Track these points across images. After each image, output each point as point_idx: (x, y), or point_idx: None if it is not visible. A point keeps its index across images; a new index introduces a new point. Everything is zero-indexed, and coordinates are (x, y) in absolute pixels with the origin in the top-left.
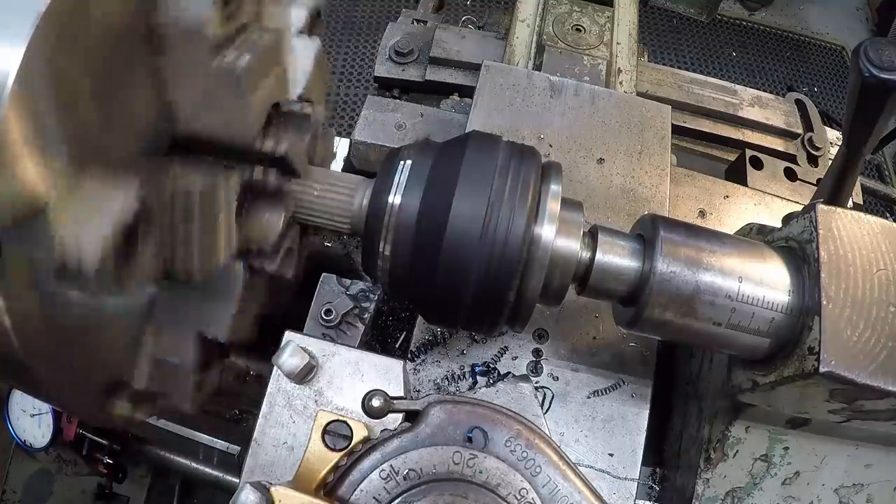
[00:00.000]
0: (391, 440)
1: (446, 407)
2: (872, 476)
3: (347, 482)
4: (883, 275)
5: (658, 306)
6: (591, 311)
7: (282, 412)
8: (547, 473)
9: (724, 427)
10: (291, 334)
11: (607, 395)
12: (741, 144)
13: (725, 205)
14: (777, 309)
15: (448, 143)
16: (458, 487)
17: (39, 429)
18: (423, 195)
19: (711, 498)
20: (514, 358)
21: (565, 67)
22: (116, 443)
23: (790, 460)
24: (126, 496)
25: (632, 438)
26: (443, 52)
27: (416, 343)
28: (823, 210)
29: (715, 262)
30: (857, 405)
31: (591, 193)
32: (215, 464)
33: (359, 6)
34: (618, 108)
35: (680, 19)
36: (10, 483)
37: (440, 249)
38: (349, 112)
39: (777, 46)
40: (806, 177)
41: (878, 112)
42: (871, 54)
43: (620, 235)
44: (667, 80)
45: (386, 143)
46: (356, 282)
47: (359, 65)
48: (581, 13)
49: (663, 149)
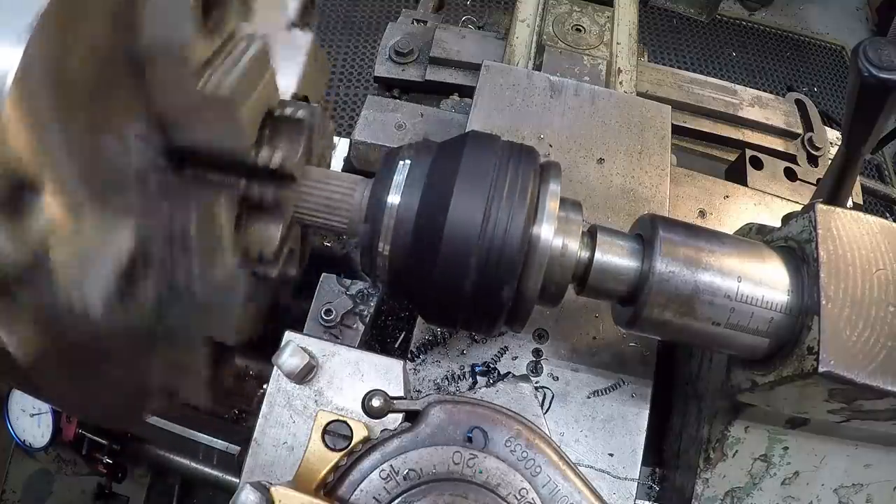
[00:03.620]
0: (391, 440)
1: (446, 407)
2: (872, 476)
3: (347, 482)
4: (882, 275)
5: (657, 306)
6: (590, 311)
7: (282, 412)
8: (547, 473)
9: (724, 427)
10: (291, 334)
11: (607, 395)
12: (741, 144)
13: (725, 205)
14: (776, 309)
15: (447, 143)
16: (458, 487)
17: (39, 428)
18: (421, 195)
19: (711, 498)
20: (514, 358)
21: (565, 67)
22: (116, 443)
23: (789, 460)
24: (126, 496)
25: (632, 438)
26: (443, 52)
27: (416, 343)
28: (822, 210)
29: (714, 262)
30: (856, 405)
31: (591, 193)
32: (215, 464)
33: (359, 6)
34: (618, 108)
35: (680, 19)
36: (9, 483)
37: (439, 249)
38: (349, 112)
39: (777, 46)
40: (806, 177)
41: (878, 112)
42: (870, 54)
43: (619, 235)
44: (667, 80)
45: (386, 143)
46: (356, 282)
47: (359, 65)
48: (581, 13)
49: (663, 149)
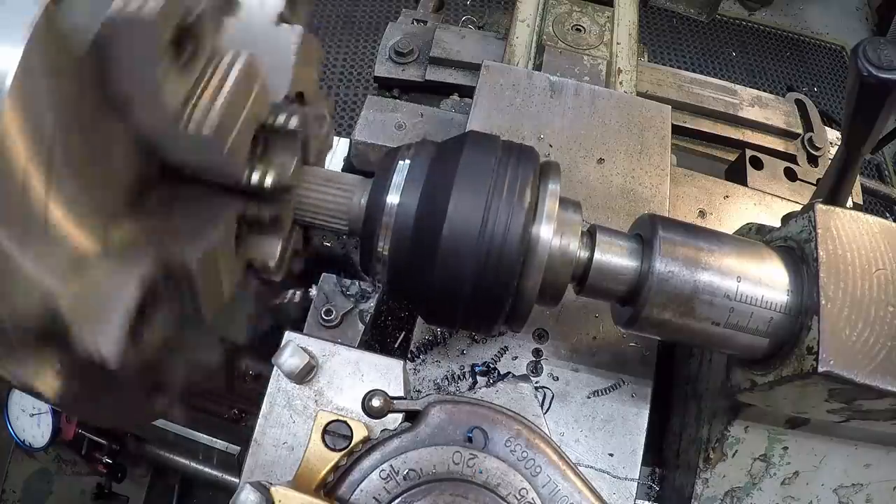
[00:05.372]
0: (391, 440)
1: (446, 407)
2: (872, 476)
3: (347, 482)
4: (882, 274)
5: (656, 306)
6: (590, 311)
7: (282, 412)
8: (547, 473)
9: (723, 427)
10: (291, 334)
11: (607, 395)
12: (741, 144)
13: (725, 205)
14: (776, 308)
15: (446, 143)
16: (458, 487)
17: (39, 428)
18: (420, 195)
19: (710, 498)
20: (514, 358)
21: (565, 67)
22: (116, 442)
23: (789, 460)
24: (125, 496)
25: (632, 438)
26: (443, 52)
27: (416, 343)
28: (822, 210)
29: (713, 262)
30: (856, 405)
31: (591, 193)
32: (215, 464)
33: (359, 6)
34: (618, 108)
35: (680, 19)
36: (9, 482)
37: (438, 249)
38: (349, 112)
39: (777, 46)
40: (806, 177)
41: (877, 111)
42: (869, 54)
43: (619, 235)
44: (667, 80)
45: (386, 143)
46: (356, 282)
47: (359, 65)
48: (581, 13)
49: (663, 149)
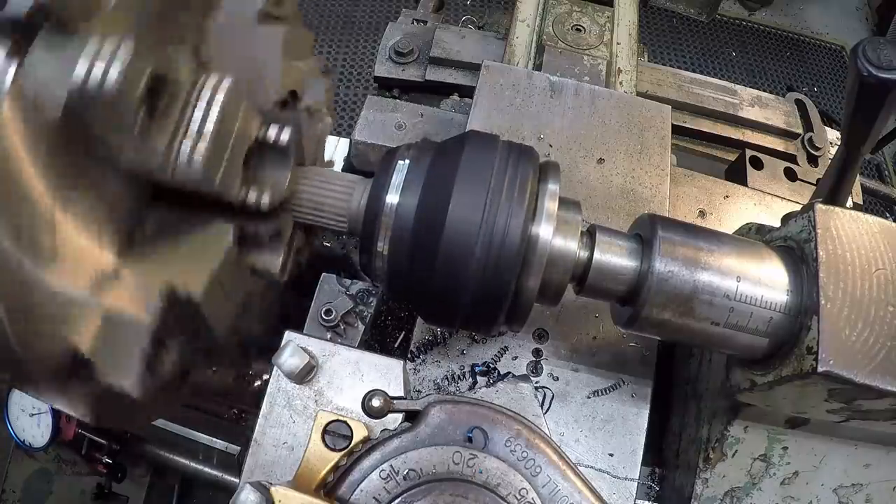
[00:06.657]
0: (391, 440)
1: (446, 407)
2: (871, 476)
3: (347, 482)
4: (882, 274)
5: (656, 306)
6: (590, 311)
7: (282, 412)
8: (547, 473)
9: (723, 427)
10: (291, 334)
11: (607, 395)
12: (741, 144)
13: (725, 205)
14: (775, 308)
15: (446, 143)
16: (458, 487)
17: (39, 428)
18: (420, 195)
19: (710, 498)
20: (514, 358)
21: (565, 67)
22: (115, 442)
23: (789, 460)
24: (125, 496)
25: (632, 438)
26: (443, 52)
27: (416, 343)
28: (822, 210)
29: (713, 262)
30: (855, 405)
31: (591, 193)
32: (215, 464)
33: (359, 6)
34: (618, 108)
35: (680, 19)
36: (9, 482)
37: (438, 249)
38: (349, 112)
39: (777, 46)
40: (806, 177)
41: (877, 111)
42: (869, 53)
43: (619, 235)
44: (667, 80)
45: (386, 143)
46: (356, 282)
47: (359, 65)
48: (581, 13)
49: (663, 149)
